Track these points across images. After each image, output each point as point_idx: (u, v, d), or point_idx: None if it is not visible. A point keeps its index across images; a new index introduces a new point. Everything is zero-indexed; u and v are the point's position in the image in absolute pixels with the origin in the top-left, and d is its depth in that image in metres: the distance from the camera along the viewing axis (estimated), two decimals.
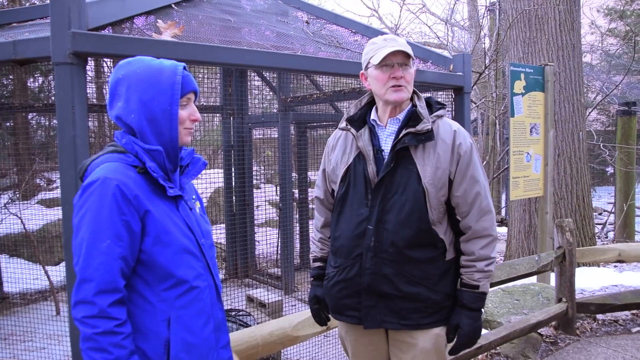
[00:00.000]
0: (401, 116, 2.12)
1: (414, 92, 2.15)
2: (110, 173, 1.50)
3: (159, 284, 1.56)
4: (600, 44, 16.91)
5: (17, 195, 7.40)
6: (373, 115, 2.18)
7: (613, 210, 10.99)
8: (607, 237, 10.40)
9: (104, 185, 1.47)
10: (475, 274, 2.06)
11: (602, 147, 10.31)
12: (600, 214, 12.57)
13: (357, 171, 2.12)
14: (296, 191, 7.36)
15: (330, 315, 2.34)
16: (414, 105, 2.12)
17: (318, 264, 2.37)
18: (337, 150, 2.24)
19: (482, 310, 2.12)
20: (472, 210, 2.05)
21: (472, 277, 2.07)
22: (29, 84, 8.89)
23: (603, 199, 14.94)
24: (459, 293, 2.10)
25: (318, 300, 2.33)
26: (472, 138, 2.14)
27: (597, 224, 9.95)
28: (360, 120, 2.19)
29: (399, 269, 2.03)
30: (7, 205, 6.42)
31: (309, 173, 7.60)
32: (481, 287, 2.07)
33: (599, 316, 4.97)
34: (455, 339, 2.12)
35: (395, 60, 2.02)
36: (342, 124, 2.23)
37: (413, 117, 2.08)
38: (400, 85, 2.04)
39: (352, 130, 2.17)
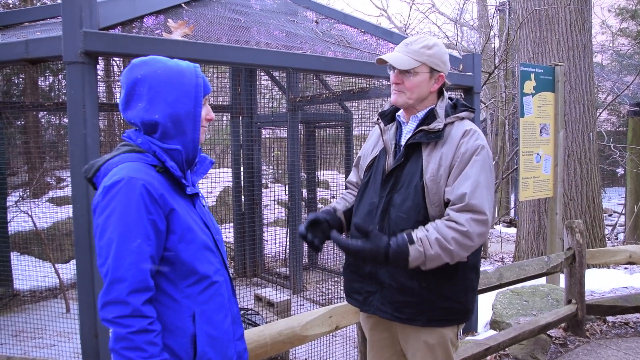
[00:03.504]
0: (421, 114, 2.17)
1: (440, 92, 2.19)
2: (134, 173, 1.50)
3: (182, 281, 1.58)
4: (611, 44, 16.77)
5: (28, 193, 7.45)
6: (400, 112, 2.25)
7: (623, 212, 10.92)
8: (617, 239, 10.32)
9: (130, 185, 1.48)
10: (419, 232, 1.93)
11: (612, 148, 10.23)
12: (610, 215, 12.49)
13: (379, 163, 2.22)
14: (304, 191, 7.36)
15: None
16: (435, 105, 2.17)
17: (329, 208, 2.34)
18: (370, 141, 2.36)
19: (382, 262, 1.93)
20: (458, 205, 1.94)
21: (416, 233, 1.93)
22: (39, 83, 8.95)
23: (613, 200, 14.84)
24: (397, 234, 1.97)
25: (317, 220, 2.19)
26: (485, 142, 2.08)
27: (607, 225, 9.87)
28: (390, 116, 2.28)
29: None
30: (18, 203, 6.46)
31: (318, 173, 7.60)
32: (412, 250, 1.90)
33: (609, 318, 4.94)
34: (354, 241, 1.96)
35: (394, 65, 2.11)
36: (375, 118, 2.33)
37: (430, 116, 2.13)
38: (398, 90, 2.12)
39: (381, 124, 2.27)
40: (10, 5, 9.72)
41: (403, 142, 2.18)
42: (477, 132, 2.09)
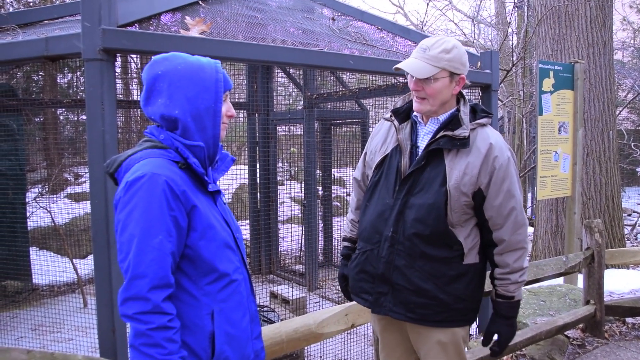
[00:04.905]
0: (442, 117, 2.13)
1: (461, 95, 2.16)
2: (157, 169, 1.50)
3: (202, 278, 1.58)
4: (632, 41, 16.50)
5: (47, 189, 7.54)
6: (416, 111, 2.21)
7: None
8: (636, 239, 10.18)
9: (152, 181, 1.47)
10: (511, 286, 2.11)
11: (632, 147, 10.09)
12: (629, 215, 12.30)
13: (392, 162, 2.17)
14: (320, 188, 7.36)
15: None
16: (458, 110, 2.12)
17: (346, 243, 2.46)
18: (378, 138, 2.30)
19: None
20: (507, 223, 2.06)
21: (507, 289, 2.12)
22: (58, 80, 9.04)
23: (633, 199, 14.61)
24: (494, 304, 2.18)
25: (345, 278, 2.39)
26: (511, 151, 2.11)
27: (626, 225, 9.73)
28: (404, 114, 2.23)
29: (411, 262, 2.08)
30: (36, 199, 6.54)
31: (334, 170, 7.59)
32: (516, 296, 2.14)
33: (629, 320, 4.87)
34: (495, 344, 2.25)
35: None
36: (387, 114, 2.28)
37: (453, 121, 2.09)
38: (419, 97, 2.08)
39: (395, 122, 2.22)
40: (31, 4, 9.84)
41: (420, 143, 2.15)
42: (502, 141, 2.11)
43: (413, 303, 2.09)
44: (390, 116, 2.25)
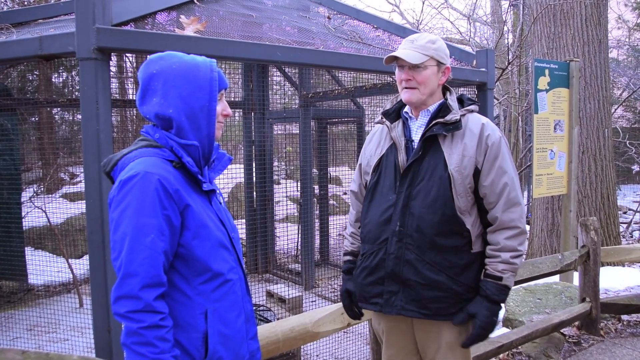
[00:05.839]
0: (432, 108, 2.19)
1: (445, 87, 2.24)
2: (150, 167, 1.50)
3: (196, 278, 1.58)
4: (627, 39, 16.55)
5: (42, 189, 7.51)
6: (406, 109, 2.26)
7: (638, 209, 10.80)
8: (632, 237, 10.20)
9: (145, 180, 1.47)
10: (499, 265, 2.06)
11: (628, 145, 10.12)
12: (625, 212, 12.33)
13: (389, 160, 2.20)
14: (316, 187, 7.35)
15: (359, 306, 2.36)
16: (445, 99, 2.20)
17: (348, 257, 2.43)
18: (372, 143, 2.34)
19: (502, 305, 2.10)
20: (500, 200, 2.07)
21: (495, 268, 2.06)
22: (53, 80, 9.01)
23: (628, 197, 14.62)
24: (481, 283, 2.10)
25: (349, 294, 2.35)
26: (501, 132, 2.17)
27: (621, 223, 9.76)
28: (394, 114, 2.28)
29: (422, 255, 2.07)
30: (32, 199, 6.52)
31: (330, 169, 7.58)
32: (505, 279, 2.06)
33: (624, 317, 4.88)
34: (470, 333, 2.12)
35: (404, 62, 2.12)
36: (378, 117, 2.33)
37: (443, 109, 2.16)
38: (409, 87, 2.13)
39: (387, 122, 2.26)
40: (25, 3, 9.80)
41: (415, 136, 2.19)
42: (492, 124, 2.18)
43: (426, 298, 2.08)
44: (382, 118, 2.30)
